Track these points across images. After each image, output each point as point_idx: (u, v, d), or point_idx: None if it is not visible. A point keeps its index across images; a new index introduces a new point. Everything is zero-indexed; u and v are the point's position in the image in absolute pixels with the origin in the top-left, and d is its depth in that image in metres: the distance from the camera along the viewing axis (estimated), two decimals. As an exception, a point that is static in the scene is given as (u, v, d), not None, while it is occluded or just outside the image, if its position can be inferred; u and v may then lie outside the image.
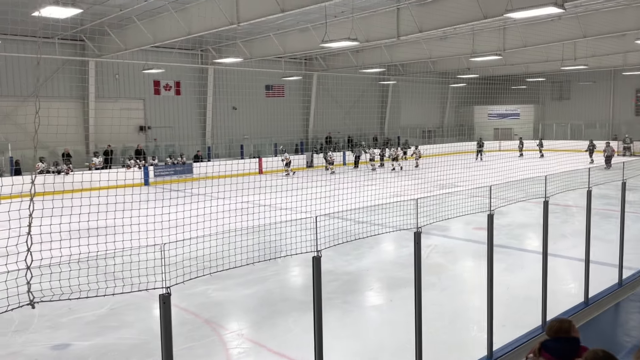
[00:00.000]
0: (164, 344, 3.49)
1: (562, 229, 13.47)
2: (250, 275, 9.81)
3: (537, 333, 6.58)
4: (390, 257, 11.79)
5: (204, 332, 7.58)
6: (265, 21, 17.80)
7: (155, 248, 3.70)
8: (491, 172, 10.50)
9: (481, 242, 11.91)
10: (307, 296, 8.69)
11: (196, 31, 18.25)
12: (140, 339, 7.43)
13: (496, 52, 23.39)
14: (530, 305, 7.69)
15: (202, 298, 8.88)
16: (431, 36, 23.76)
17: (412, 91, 37.07)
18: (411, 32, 18.77)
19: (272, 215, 8.21)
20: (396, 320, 7.91)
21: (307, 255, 4.88)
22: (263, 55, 25.75)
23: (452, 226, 13.65)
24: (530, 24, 22.23)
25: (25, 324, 7.85)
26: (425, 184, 15.83)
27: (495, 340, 6.11)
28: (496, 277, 6.28)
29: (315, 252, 4.51)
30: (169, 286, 3.53)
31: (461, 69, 32.34)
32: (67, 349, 7.11)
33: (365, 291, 9.69)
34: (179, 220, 6.11)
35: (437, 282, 9.46)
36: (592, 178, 8.03)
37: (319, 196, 7.78)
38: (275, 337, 7.40)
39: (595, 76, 37.70)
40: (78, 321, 8.03)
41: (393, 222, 6.68)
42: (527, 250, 11.99)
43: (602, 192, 14.58)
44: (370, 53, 28.44)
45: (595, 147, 29.60)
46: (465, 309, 8.41)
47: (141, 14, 19.44)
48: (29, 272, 3.24)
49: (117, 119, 25.40)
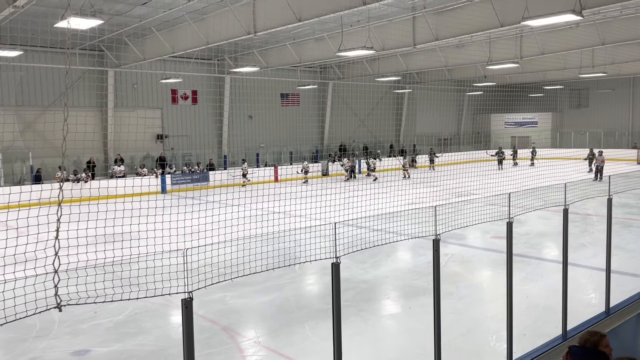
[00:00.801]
0: (186, 348, 3.52)
1: (581, 238, 13.29)
2: (267, 283, 9.84)
3: (558, 343, 6.49)
4: (407, 265, 11.73)
5: (222, 339, 7.60)
6: (282, 30, 17.95)
7: (177, 253, 3.74)
8: (507, 180, 10.43)
9: (499, 251, 11.82)
10: (324, 304, 8.71)
11: (214, 41, 18.47)
12: (158, 345, 7.48)
13: (513, 59, 23.25)
14: (550, 314, 7.59)
15: (220, 305, 8.92)
16: (447, 44, 23.71)
17: (428, 99, 36.98)
18: (427, 40, 18.78)
19: (288, 222, 8.24)
20: (414, 328, 7.86)
21: (324, 263, 4.89)
22: (279, 64, 25.94)
23: (469, 235, 13.55)
24: (548, 32, 22.09)
25: (46, 329, 7.95)
26: (440, 192, 15.75)
27: (515, 349, 6.04)
28: (515, 286, 6.21)
29: (334, 259, 4.51)
30: (191, 291, 3.57)
31: (478, 77, 32.21)
32: (87, 355, 7.19)
33: (382, 299, 9.64)
34: (197, 227, 6.17)
35: (454, 290, 9.39)
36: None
37: (335, 204, 7.80)
38: (292, 344, 7.39)
39: (614, 84, 37.28)
40: (97, 327, 8.11)
41: (409, 230, 6.66)
42: (546, 259, 11.85)
43: (623, 200, 14.40)
44: (386, 61, 28.47)
45: (595, 156, 28.78)
46: (484, 318, 8.33)
47: (160, 25, 19.75)
48: (56, 276, 3.30)
49: (134, 128, 25.73)
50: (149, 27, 19.94)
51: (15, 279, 3.43)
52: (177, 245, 4.46)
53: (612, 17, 19.85)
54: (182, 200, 17.76)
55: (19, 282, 3.44)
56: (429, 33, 18.30)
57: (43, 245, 3.60)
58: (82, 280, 3.67)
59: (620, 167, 26.39)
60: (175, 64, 25.50)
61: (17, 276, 3.50)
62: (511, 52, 23.37)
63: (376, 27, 19.66)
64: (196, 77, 27.42)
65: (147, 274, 3.83)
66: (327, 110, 33.52)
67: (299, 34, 22.69)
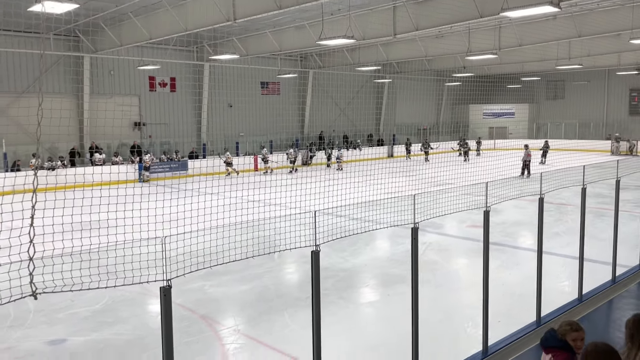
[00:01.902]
0: (165, 336, 3.51)
1: (555, 227, 13.56)
2: (246, 272, 9.84)
3: (532, 329, 6.64)
4: (385, 254, 11.84)
5: (200, 328, 7.59)
6: (262, 18, 17.78)
7: (156, 241, 3.72)
8: (482, 170, 10.56)
9: (475, 239, 12.00)
10: (303, 292, 8.75)
11: (192, 27, 18.21)
12: (135, 334, 7.44)
13: (492, 51, 23.46)
14: (524, 301, 7.76)
15: (199, 294, 8.89)
16: (427, 34, 23.80)
17: (407, 89, 37.15)
18: (407, 30, 18.80)
19: (267, 211, 8.23)
20: (392, 316, 7.96)
21: (303, 251, 4.90)
22: (259, 52, 25.73)
23: (446, 224, 13.72)
24: (526, 23, 22.33)
25: (21, 319, 7.84)
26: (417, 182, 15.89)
27: (491, 335, 6.16)
28: (491, 274, 6.32)
29: (313, 247, 4.53)
30: (170, 279, 3.55)
31: (457, 68, 32.43)
32: (63, 344, 7.11)
33: (361, 287, 9.73)
34: (176, 214, 6.12)
35: (432, 278, 9.51)
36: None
37: (313, 193, 7.81)
38: (271, 332, 7.42)
39: (590, 76, 37.92)
40: (74, 316, 8.02)
41: (388, 219, 6.72)
42: (521, 247, 12.08)
43: (596, 190, 14.69)
44: (366, 51, 28.46)
45: (549, 148, 28.68)
46: (460, 305, 8.47)
47: (137, 10, 19.37)
48: (31, 264, 3.25)
49: (111, 114, 25.32)
50: (126, 12, 19.54)
51: (-11, 266, 3.36)
52: (156, 233, 4.43)
53: (589, 9, 20.14)
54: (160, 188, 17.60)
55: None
56: (409, 23, 18.33)
57: (17, 232, 3.54)
58: (58, 268, 3.62)
59: (595, 157, 26.96)
60: (153, 51, 25.10)
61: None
62: (490, 43, 23.59)
63: (357, 16, 19.61)
64: (175, 64, 27.05)
65: (124, 262, 3.79)
66: (307, 99, 33.42)
67: (280, 21, 22.50)
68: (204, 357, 6.75)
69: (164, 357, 3.57)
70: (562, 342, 3.61)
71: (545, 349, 3.67)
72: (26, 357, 6.73)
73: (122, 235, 4.39)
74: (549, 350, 3.63)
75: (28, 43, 21.11)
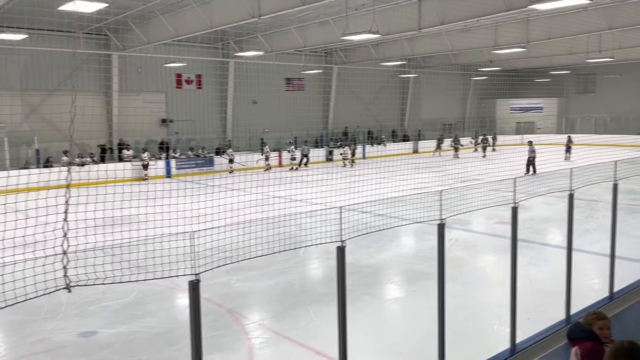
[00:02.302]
0: (193, 329, 3.57)
1: (586, 223, 13.28)
2: (271, 267, 9.91)
3: (561, 327, 6.53)
4: (411, 250, 11.78)
5: (227, 322, 7.68)
6: (286, 14, 17.81)
7: (184, 236, 3.78)
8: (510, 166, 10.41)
9: (502, 236, 11.84)
10: (328, 288, 8.77)
11: (218, 24, 18.36)
12: (163, 327, 7.57)
13: (520, 44, 23.05)
14: (553, 299, 7.62)
15: (225, 288, 9.00)
16: (453, 28, 23.51)
17: (433, 84, 36.76)
18: (433, 24, 18.61)
19: (292, 206, 8.27)
20: (417, 312, 7.93)
21: (327, 247, 4.91)
22: (283, 48, 25.79)
23: (473, 220, 13.58)
24: (555, 16, 21.85)
25: (54, 311, 8.05)
26: (444, 178, 15.76)
27: (518, 333, 6.08)
28: (519, 270, 6.23)
29: (339, 243, 4.54)
30: (198, 273, 3.61)
31: (483, 62, 31.97)
32: (94, 337, 7.28)
33: (386, 284, 9.71)
34: (202, 210, 6.20)
35: (458, 275, 9.43)
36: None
37: (338, 189, 7.82)
38: (296, 327, 7.47)
39: (622, 69, 36.90)
40: (105, 309, 8.21)
41: (413, 215, 6.68)
42: (550, 244, 11.87)
43: (628, 187, 14.35)
44: (390, 46, 28.27)
45: (572, 143, 27.53)
46: (487, 302, 8.38)
47: (164, 8, 19.62)
48: (65, 257, 3.34)
49: (138, 112, 25.72)
50: (153, 11, 19.83)
51: (25, 259, 3.47)
52: (184, 228, 4.50)
53: (620, 1, 19.61)
54: (188, 184, 17.85)
55: (29, 264, 3.49)
56: (434, 17, 18.13)
57: (51, 227, 3.64)
58: (90, 262, 3.71)
59: (627, 152, 26.24)
60: (179, 48, 25.39)
61: (27, 257, 3.55)
62: (518, 37, 23.16)
63: (382, 11, 19.49)
64: (200, 62, 27.32)
65: (154, 257, 3.87)
66: (331, 95, 33.38)
67: (304, 17, 22.51)
68: (231, 350, 6.83)
69: (192, 350, 3.64)
70: (589, 332, 3.59)
71: (571, 341, 3.64)
72: (59, 348, 6.92)
73: (152, 231, 4.48)
74: (576, 342, 3.59)
75: (59, 42, 21.59)
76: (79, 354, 6.76)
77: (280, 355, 6.82)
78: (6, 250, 3.47)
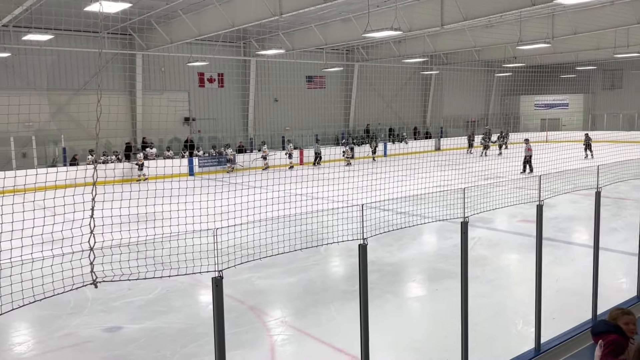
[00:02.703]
0: (217, 325, 3.60)
1: (612, 222, 13.01)
2: (292, 264, 9.94)
3: (587, 327, 6.40)
4: (433, 248, 11.69)
5: (249, 318, 7.74)
6: (308, 12, 17.82)
7: (207, 233, 3.82)
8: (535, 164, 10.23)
9: (526, 234, 11.69)
10: (349, 286, 8.76)
11: (240, 23, 18.46)
12: (187, 323, 7.65)
13: (544, 40, 22.62)
14: (579, 299, 7.50)
15: (247, 285, 9.06)
16: (476, 24, 23.22)
17: (455, 81, 36.38)
18: (455, 20, 18.41)
19: (313, 204, 8.28)
20: (439, 311, 7.86)
21: (348, 245, 4.90)
22: (304, 46, 25.81)
23: (496, 219, 13.42)
24: (581, 10, 21.41)
25: (80, 307, 8.21)
26: (466, 175, 15.59)
27: (543, 333, 5.99)
28: (544, 269, 6.14)
29: (360, 240, 4.53)
30: (221, 270, 3.64)
31: (507, 58, 31.50)
32: (119, 332, 7.40)
33: (408, 282, 9.66)
34: (224, 207, 6.25)
35: (481, 274, 9.33)
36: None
37: (360, 186, 7.80)
38: (318, 325, 7.48)
39: (651, 64, 36.04)
40: (129, 305, 8.34)
41: (436, 213, 6.63)
42: (576, 243, 11.66)
43: (657, 184, 14.02)
44: (412, 43, 28.06)
45: (591, 140, 26.57)
46: (511, 301, 8.28)
47: (186, 7, 19.82)
48: (92, 254, 3.40)
49: (161, 110, 26.05)
50: (176, 10, 20.04)
51: (53, 256, 3.54)
52: (208, 225, 4.54)
53: (650, -6, 19.14)
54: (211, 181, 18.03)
55: (56, 260, 3.56)
56: (457, 13, 17.93)
57: (78, 224, 3.70)
58: (115, 258, 3.78)
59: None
60: (201, 47, 25.61)
61: (55, 254, 3.62)
62: (543, 32, 22.75)
63: (403, 7, 19.36)
64: (222, 60, 27.52)
65: (178, 253, 3.91)
66: (352, 93, 33.29)
67: (325, 15, 22.49)
68: (253, 347, 6.88)
69: (215, 346, 3.67)
70: (614, 326, 3.53)
71: (596, 336, 3.57)
72: (84, 343, 7.05)
73: (172, 228, 4.53)
74: (600, 336, 3.53)
75: (84, 42, 21.97)
76: (104, 348, 6.88)
77: (302, 352, 6.84)
78: (35, 247, 3.54)
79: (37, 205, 4.21)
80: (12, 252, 3.57)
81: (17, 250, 3.62)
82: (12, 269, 3.57)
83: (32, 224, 3.96)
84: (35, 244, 3.60)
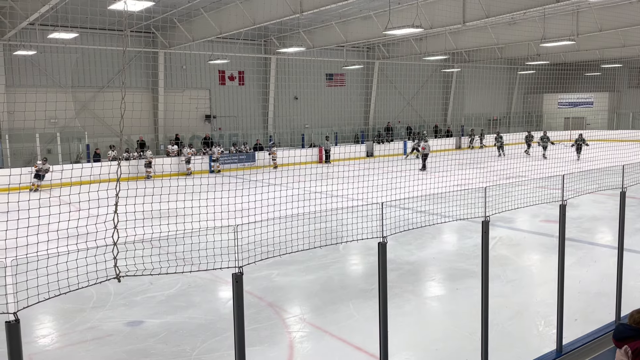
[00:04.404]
0: (237, 321, 3.63)
1: (637, 222, 12.74)
2: (311, 262, 9.97)
3: (611, 329, 6.30)
4: (453, 247, 11.60)
5: (268, 315, 7.78)
6: (328, 9, 17.82)
7: (228, 229, 3.85)
8: (556, 163, 10.09)
9: (548, 234, 11.52)
10: (368, 284, 8.75)
11: (260, 21, 18.54)
12: (206, 319, 7.73)
13: (569, 37, 22.26)
14: (602, 300, 7.38)
15: (266, 282, 9.11)
16: (499, 21, 22.97)
17: (477, 79, 35.99)
18: (477, 17, 18.22)
19: (332, 202, 8.28)
20: (459, 311, 7.81)
21: (367, 243, 4.91)
22: (325, 44, 25.81)
23: (518, 218, 13.26)
24: (607, 7, 21.01)
25: (102, 301, 8.35)
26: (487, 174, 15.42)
27: (565, 334, 5.91)
28: (566, 270, 6.05)
29: (380, 239, 4.52)
30: (242, 266, 3.67)
31: (530, 55, 31.04)
32: (140, 326, 7.51)
33: (427, 281, 9.60)
34: (244, 204, 6.30)
35: (502, 274, 9.24)
36: None
37: (379, 185, 7.77)
38: (336, 322, 7.49)
39: (679, 61, 35.19)
40: (150, 300, 8.46)
41: (456, 212, 6.58)
42: (599, 244, 11.45)
43: (684, 185, 13.68)
44: (433, 40, 27.85)
45: (584, 142, 25.63)
46: (532, 302, 8.17)
47: (208, 6, 19.97)
48: (115, 248, 3.46)
49: (183, 107, 26.33)
50: (198, 9, 20.21)
51: (78, 250, 3.61)
52: (229, 222, 4.59)
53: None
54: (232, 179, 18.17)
55: (81, 254, 3.63)
56: (479, 10, 17.75)
57: (102, 219, 3.77)
58: (138, 253, 3.83)
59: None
60: (222, 45, 25.79)
61: (79, 248, 3.69)
62: (567, 29, 22.37)
63: (425, 5, 19.22)
64: (243, 58, 27.67)
65: (199, 249, 3.96)
66: (372, 91, 33.18)
67: (346, 12, 22.45)
68: (272, 343, 6.92)
69: (235, 341, 3.71)
70: (638, 330, 3.46)
71: (618, 341, 3.51)
72: (106, 336, 7.17)
73: (197, 223, 4.58)
74: (625, 341, 3.47)
75: (108, 40, 22.30)
76: (126, 342, 6.99)
77: (321, 349, 6.86)
78: (60, 241, 3.62)
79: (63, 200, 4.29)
80: (38, 246, 3.66)
81: (43, 244, 3.70)
82: (37, 263, 3.65)
83: (58, 218, 4.04)
84: (61, 238, 3.67)
